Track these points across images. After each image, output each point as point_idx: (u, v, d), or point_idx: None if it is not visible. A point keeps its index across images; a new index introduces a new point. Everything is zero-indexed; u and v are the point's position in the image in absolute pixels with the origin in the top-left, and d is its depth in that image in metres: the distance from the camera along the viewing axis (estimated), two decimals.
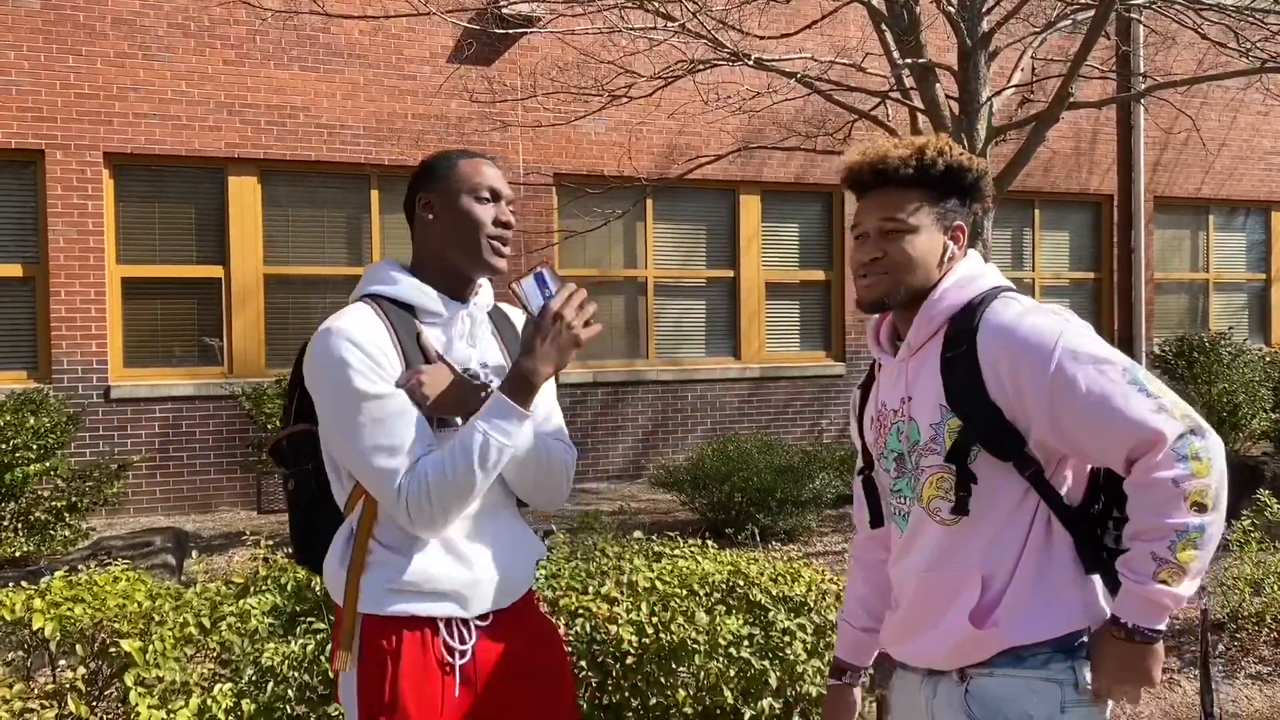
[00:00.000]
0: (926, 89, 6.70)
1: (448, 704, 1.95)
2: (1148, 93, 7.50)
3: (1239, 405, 9.46)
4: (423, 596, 1.93)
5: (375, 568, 1.93)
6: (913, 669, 1.95)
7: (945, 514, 1.83)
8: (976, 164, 1.90)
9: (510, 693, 2.02)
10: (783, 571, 3.65)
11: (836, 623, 2.26)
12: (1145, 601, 1.70)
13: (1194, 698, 4.62)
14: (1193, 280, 12.98)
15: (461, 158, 2.05)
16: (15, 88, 8.20)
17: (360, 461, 1.87)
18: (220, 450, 8.76)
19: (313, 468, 2.06)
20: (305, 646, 3.07)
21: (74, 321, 8.37)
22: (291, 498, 2.10)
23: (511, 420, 1.88)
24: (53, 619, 3.06)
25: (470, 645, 1.97)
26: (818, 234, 11.06)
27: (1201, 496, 1.67)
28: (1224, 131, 12.78)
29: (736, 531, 7.14)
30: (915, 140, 1.90)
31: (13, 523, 6.69)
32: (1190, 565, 1.68)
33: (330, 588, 2.01)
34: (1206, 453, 1.68)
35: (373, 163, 9.22)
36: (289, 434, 2.07)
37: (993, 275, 1.91)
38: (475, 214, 2.00)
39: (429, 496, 1.85)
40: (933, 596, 1.85)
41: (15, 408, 6.90)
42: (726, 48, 6.60)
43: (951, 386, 1.80)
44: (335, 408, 1.87)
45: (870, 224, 1.89)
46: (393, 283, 2.00)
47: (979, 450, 1.78)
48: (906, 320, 1.91)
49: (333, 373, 1.86)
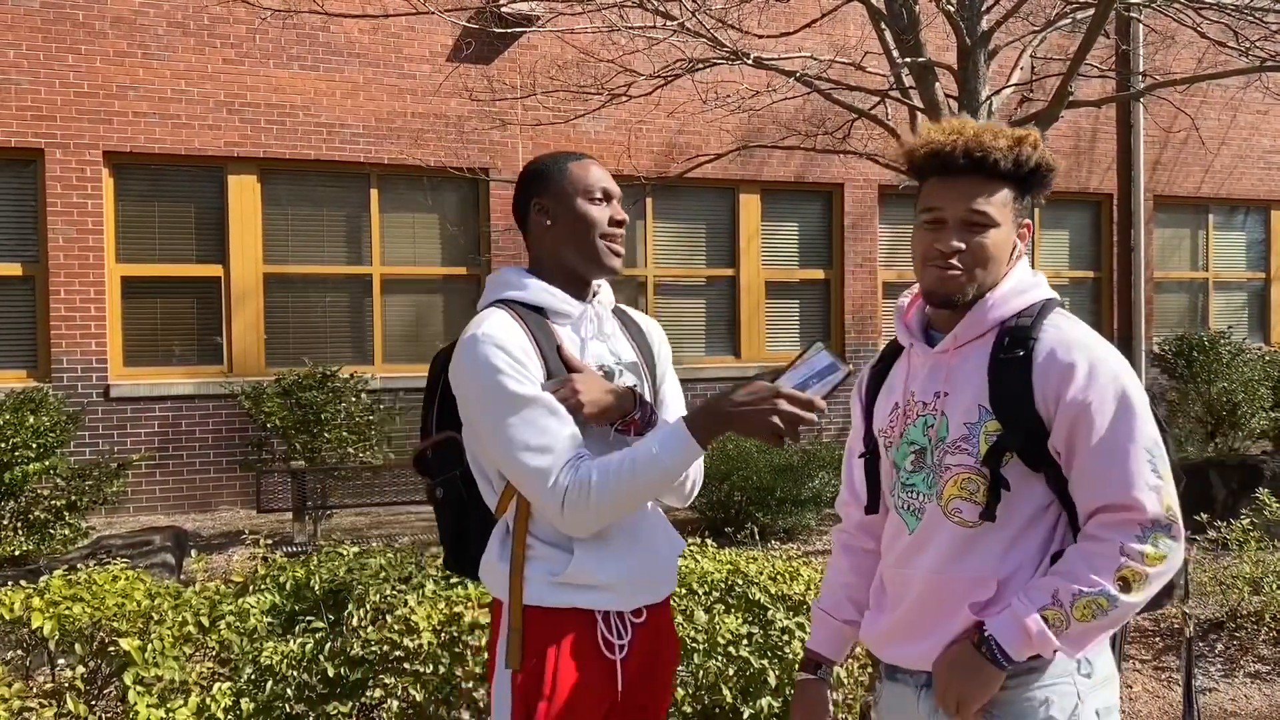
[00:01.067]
0: (926, 88, 6.69)
1: (607, 697, 1.98)
2: (1147, 91, 7.50)
3: (1238, 404, 9.46)
4: (586, 589, 1.95)
5: (537, 562, 1.95)
6: (905, 674, 1.87)
7: (966, 516, 1.77)
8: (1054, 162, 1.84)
9: (650, 689, 2.06)
10: (782, 570, 3.65)
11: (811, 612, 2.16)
12: (1017, 625, 1.68)
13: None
14: (1192, 279, 12.98)
15: (570, 160, 2.07)
16: (15, 86, 8.20)
17: (513, 461, 1.88)
18: (220, 449, 8.76)
19: (460, 474, 2.08)
20: (304, 645, 3.07)
21: (74, 320, 8.37)
22: (440, 504, 2.12)
23: (689, 453, 1.87)
24: (51, 618, 3.06)
25: (627, 639, 2.00)
26: (817, 233, 11.06)
27: (1134, 578, 1.66)
28: (1223, 130, 12.78)
29: (736, 530, 7.14)
30: (1013, 131, 1.80)
31: (12, 521, 6.69)
32: (1079, 624, 1.66)
33: (490, 584, 2.02)
34: (1166, 550, 1.68)
35: (372, 162, 9.22)
36: (434, 443, 2.11)
37: (1044, 286, 1.87)
38: (591, 215, 2.04)
39: (590, 500, 1.86)
40: (941, 599, 1.79)
41: (15, 406, 6.90)
42: (726, 46, 6.60)
43: (998, 390, 1.75)
44: (487, 411, 1.90)
45: (954, 212, 1.79)
46: (522, 288, 2.03)
47: (1012, 457, 1.74)
48: (943, 314, 1.86)
49: (483, 377, 1.89)
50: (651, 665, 2.05)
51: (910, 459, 1.85)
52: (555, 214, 2.04)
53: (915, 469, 1.84)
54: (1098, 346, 1.74)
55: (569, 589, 1.94)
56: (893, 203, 11.24)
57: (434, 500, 2.14)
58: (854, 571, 2.06)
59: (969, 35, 6.55)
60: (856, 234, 11.06)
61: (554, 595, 1.94)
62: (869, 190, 11.05)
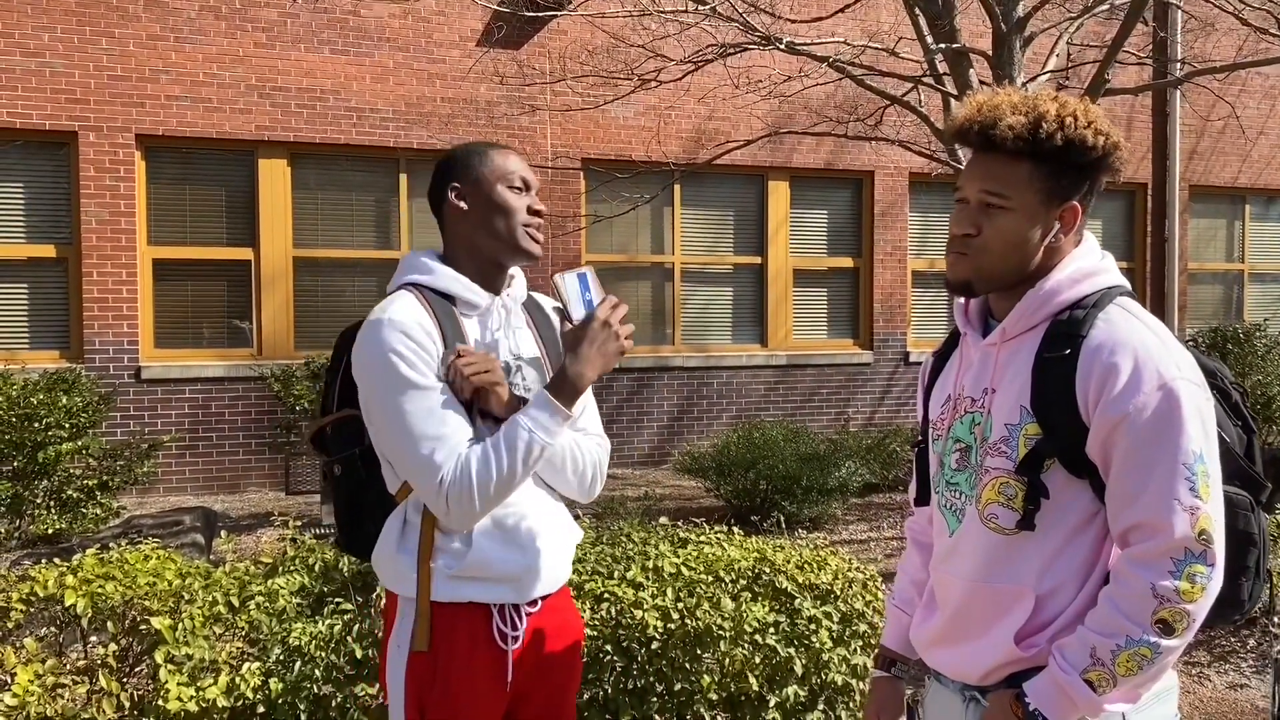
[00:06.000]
0: (960, 74, 6.62)
1: (497, 690, 1.98)
2: (1186, 79, 7.38)
3: (1273, 398, 9.32)
4: (483, 582, 1.95)
5: (437, 554, 1.94)
6: (949, 682, 1.79)
7: (1003, 523, 1.66)
8: (1105, 139, 1.65)
9: (547, 673, 2.06)
10: (809, 559, 3.63)
11: (872, 605, 2.08)
12: (1061, 694, 1.57)
13: (1223, 691, 4.57)
14: (1227, 271, 12.79)
15: (491, 148, 2.06)
16: (49, 69, 8.26)
17: (405, 450, 1.87)
18: (249, 431, 8.83)
19: (359, 453, 2.05)
20: (332, 627, 3.08)
21: (105, 302, 8.45)
22: (337, 483, 2.08)
23: (556, 419, 1.89)
24: (84, 596, 3.09)
25: (521, 631, 2.00)
26: (847, 220, 10.98)
27: (1174, 619, 1.53)
28: (1263, 119, 12.57)
29: (762, 519, 7.12)
30: (1038, 104, 1.65)
31: (45, 500, 6.78)
32: (1125, 680, 1.55)
33: (386, 575, 2.00)
34: (1204, 580, 1.53)
35: (402, 146, 9.24)
36: (334, 420, 2.07)
37: (1111, 272, 1.71)
38: (510, 202, 2.02)
39: (472, 489, 1.85)
40: (980, 607, 1.70)
41: (48, 387, 6.98)
42: (758, 31, 6.55)
43: (1040, 390, 1.62)
44: (384, 396, 1.88)
45: (971, 191, 1.69)
46: (429, 272, 2.01)
47: (1053, 463, 1.62)
48: (1004, 301, 1.73)
49: (383, 362, 1.87)
50: (547, 650, 2.05)
51: (955, 456, 1.75)
52: (472, 200, 2.02)
53: (960, 467, 1.74)
54: (1150, 346, 1.58)
55: (465, 582, 1.93)
56: (923, 190, 11.14)
57: (331, 478, 2.10)
58: (924, 567, 1.98)
59: (1004, 21, 6.46)
60: (886, 222, 10.97)
61: (450, 590, 1.93)
62: (899, 178, 10.95)
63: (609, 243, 10.02)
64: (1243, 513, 1.70)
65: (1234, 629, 5.11)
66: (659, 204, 9.95)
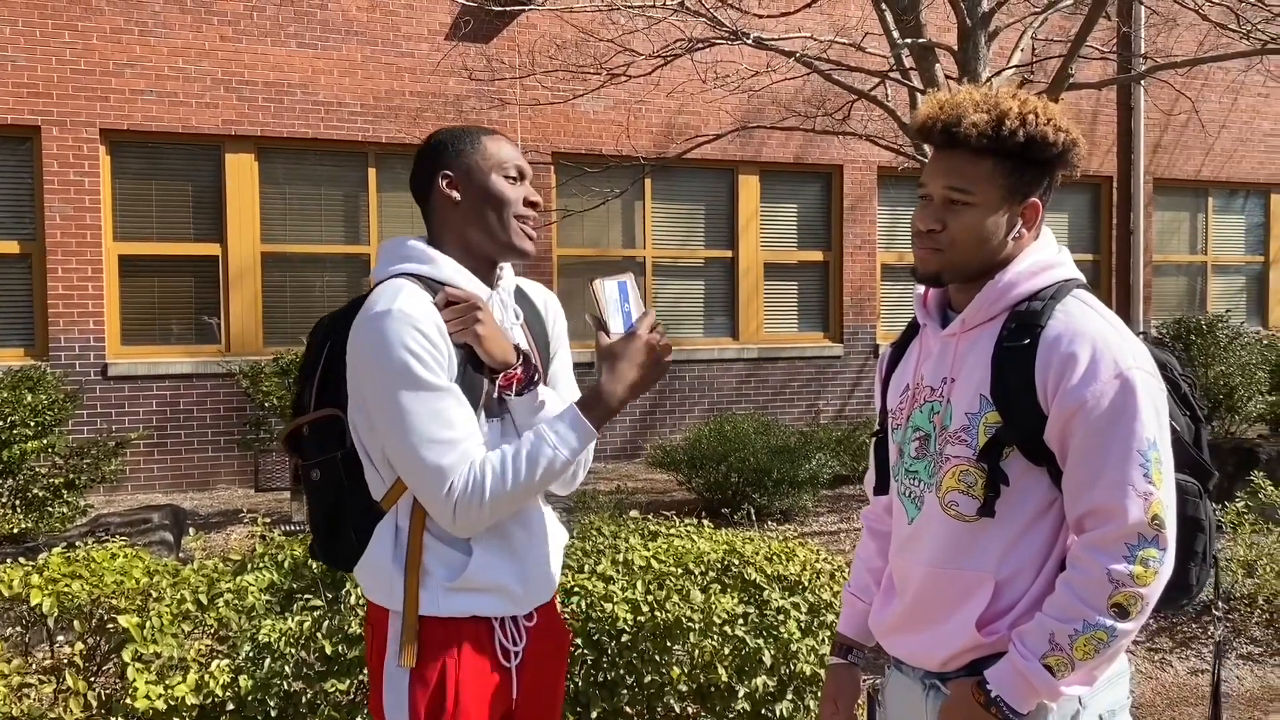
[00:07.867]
0: (926, 69, 6.67)
1: (504, 703, 1.90)
2: (1149, 74, 7.48)
3: (1235, 388, 9.46)
4: (484, 593, 1.84)
5: (432, 564, 1.83)
6: (908, 669, 1.83)
7: (963, 510, 1.70)
8: (1064, 136, 1.70)
9: (537, 685, 1.98)
10: (778, 551, 3.66)
11: (840, 595, 2.10)
12: (1021, 679, 1.61)
13: (1185, 676, 4.66)
14: (1191, 262, 12.97)
15: (483, 133, 1.92)
16: (11, 63, 8.15)
17: (411, 454, 1.75)
18: (218, 428, 8.77)
19: (341, 456, 1.87)
20: (302, 624, 3.08)
21: (71, 299, 8.36)
22: (315, 489, 1.90)
23: (583, 439, 1.81)
24: (50, 595, 3.07)
25: (522, 646, 1.92)
26: (816, 214, 11.04)
27: (1128, 602, 1.58)
28: (1224, 113, 12.75)
29: (733, 511, 7.16)
30: (1000, 102, 1.69)
31: (10, 499, 6.70)
32: (1083, 664, 1.60)
33: (372, 588, 1.87)
34: (1157, 564, 1.59)
35: (370, 140, 9.19)
36: (314, 419, 1.89)
37: (1068, 265, 1.76)
38: (505, 193, 1.88)
39: (484, 499, 1.76)
40: (939, 594, 1.74)
41: (13, 384, 6.90)
42: (726, 26, 6.57)
43: (1000, 379, 1.67)
44: (391, 395, 1.74)
45: (935, 188, 1.73)
46: (429, 261, 1.86)
47: (1012, 450, 1.66)
48: (963, 294, 1.78)
49: (393, 359, 1.73)
50: (543, 665, 1.97)
51: (914, 444, 1.79)
52: (465, 189, 1.88)
53: (919, 455, 1.78)
54: (1107, 336, 1.63)
55: (466, 594, 1.82)
56: (892, 184, 11.22)
57: (307, 483, 1.91)
58: (880, 555, 2.01)
59: (970, 16, 6.52)
60: (855, 216, 11.04)
61: (451, 603, 1.82)
62: (868, 172, 11.02)
63: (580, 237, 10.02)
64: (1192, 499, 1.76)
65: (1194, 616, 5.21)
66: (629, 198, 9.97)
